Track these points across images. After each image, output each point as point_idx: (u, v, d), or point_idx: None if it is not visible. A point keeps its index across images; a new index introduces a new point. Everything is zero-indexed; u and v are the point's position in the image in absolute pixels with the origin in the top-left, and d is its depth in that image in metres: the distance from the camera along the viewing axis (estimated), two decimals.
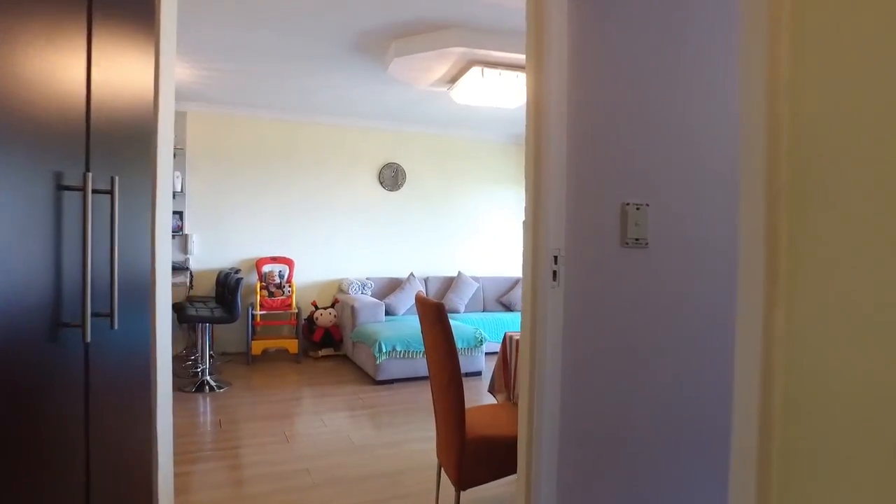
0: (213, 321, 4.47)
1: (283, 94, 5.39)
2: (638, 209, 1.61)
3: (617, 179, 1.62)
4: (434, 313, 2.30)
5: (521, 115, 5.97)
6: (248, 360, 5.54)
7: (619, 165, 1.62)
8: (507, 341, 3.00)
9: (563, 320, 1.56)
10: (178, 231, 5.71)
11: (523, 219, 1.72)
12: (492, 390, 3.16)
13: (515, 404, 2.77)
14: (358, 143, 6.52)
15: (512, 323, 6.15)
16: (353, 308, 5.45)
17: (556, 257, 1.55)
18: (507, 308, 6.83)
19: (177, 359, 5.56)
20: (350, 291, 6.04)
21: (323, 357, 5.90)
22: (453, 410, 2.32)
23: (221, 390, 4.56)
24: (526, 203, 1.67)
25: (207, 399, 4.36)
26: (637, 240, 1.62)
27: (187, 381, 4.70)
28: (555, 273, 1.55)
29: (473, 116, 6.25)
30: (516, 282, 7.00)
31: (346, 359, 5.84)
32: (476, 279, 6.84)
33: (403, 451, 3.34)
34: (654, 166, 1.65)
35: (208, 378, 4.60)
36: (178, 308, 4.77)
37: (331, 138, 6.39)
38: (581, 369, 1.62)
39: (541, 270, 1.56)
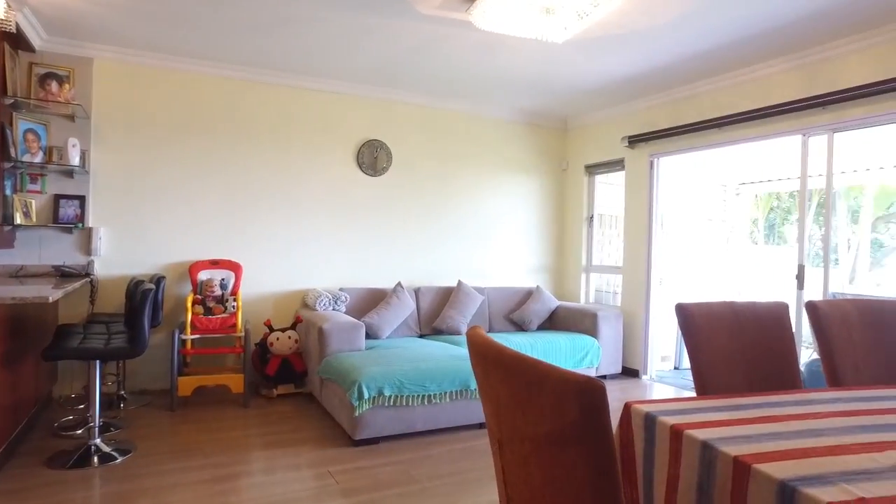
0: (104, 356, 2.89)
1: (227, 39, 3.86)
2: None
3: None
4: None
5: (542, 80, 4.47)
6: (171, 403, 3.94)
7: None
8: (630, 420, 1.54)
9: None
10: (76, 223, 4.09)
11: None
12: None
13: None
14: (329, 111, 5.00)
15: (531, 348, 4.70)
16: (321, 330, 3.93)
17: None
18: (519, 327, 5.39)
19: (60, 405, 3.93)
20: (318, 307, 4.51)
21: (280, 397, 4.34)
22: None
23: (117, 461, 2.98)
24: None
25: (96, 481, 2.77)
26: None
27: (71, 446, 3.10)
28: None
29: (479, 81, 4.81)
30: (528, 294, 5.57)
31: (311, 399, 4.30)
32: (480, 291, 5.39)
33: None
34: None
35: (98, 442, 3.01)
36: (58, 335, 3.17)
37: (292, 104, 4.85)
38: None
39: None
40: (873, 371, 2.08)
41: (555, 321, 5.51)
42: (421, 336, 5.01)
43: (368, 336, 4.56)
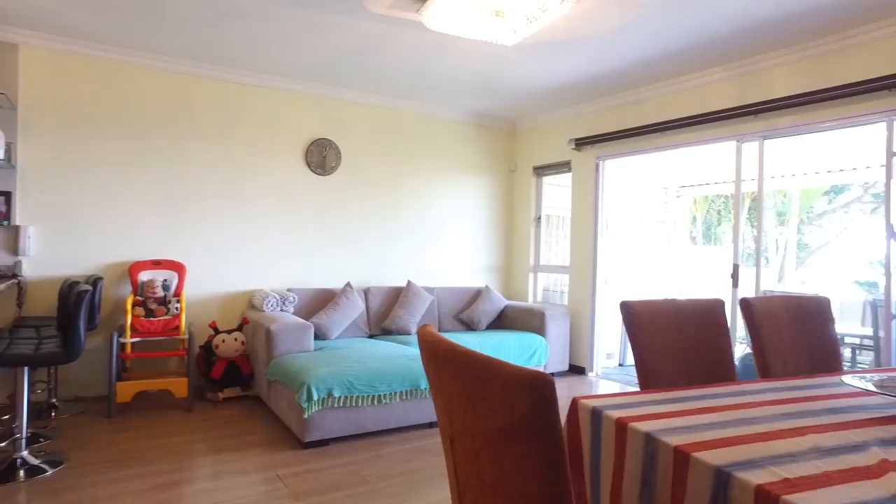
0: (34, 362, 2.74)
1: (170, 31, 3.72)
2: None
3: None
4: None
5: (492, 82, 4.56)
6: (109, 410, 3.77)
7: None
8: (577, 415, 1.58)
9: None
10: (1, 220, 3.86)
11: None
12: None
13: None
14: (278, 109, 4.91)
15: (480, 347, 4.75)
16: (269, 332, 3.85)
17: None
18: (468, 327, 5.44)
19: None
20: (265, 308, 4.42)
21: (226, 400, 4.23)
22: None
23: (48, 474, 2.83)
24: None
25: (21, 496, 2.63)
26: None
27: None
28: None
29: (429, 81, 4.83)
30: (477, 294, 5.63)
31: (258, 402, 4.21)
32: (430, 291, 5.41)
33: None
34: None
35: (25, 454, 2.85)
36: None
37: (239, 100, 4.74)
38: None
39: None
40: (798, 362, 2.22)
41: (503, 320, 5.59)
42: (370, 336, 4.98)
43: (317, 337, 4.51)
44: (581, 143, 5.34)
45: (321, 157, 5.10)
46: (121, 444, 3.27)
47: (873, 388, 1.55)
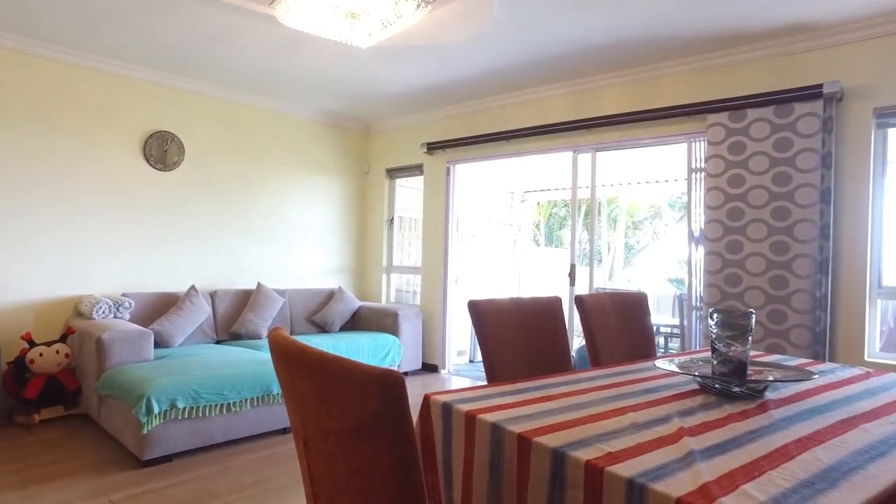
0: None
1: None
2: None
3: None
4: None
5: (346, 83, 4.58)
6: None
7: None
8: (429, 410, 1.65)
9: None
10: None
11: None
12: None
13: None
14: (110, 95, 4.44)
15: (334, 349, 4.71)
16: (100, 341, 3.48)
17: None
18: (321, 329, 5.36)
19: None
20: (95, 315, 3.98)
21: (45, 422, 3.73)
22: None
23: None
24: None
25: None
26: None
27: None
28: None
29: (282, 78, 4.69)
30: (330, 295, 5.57)
31: (87, 421, 3.78)
32: (281, 293, 5.24)
33: None
34: None
35: None
36: None
37: (60, 82, 4.21)
38: None
39: None
40: (623, 351, 2.52)
41: (357, 321, 5.58)
42: (218, 342, 4.71)
43: (158, 345, 4.16)
44: (433, 147, 5.51)
45: (162, 150, 4.70)
46: None
47: (677, 370, 1.82)
